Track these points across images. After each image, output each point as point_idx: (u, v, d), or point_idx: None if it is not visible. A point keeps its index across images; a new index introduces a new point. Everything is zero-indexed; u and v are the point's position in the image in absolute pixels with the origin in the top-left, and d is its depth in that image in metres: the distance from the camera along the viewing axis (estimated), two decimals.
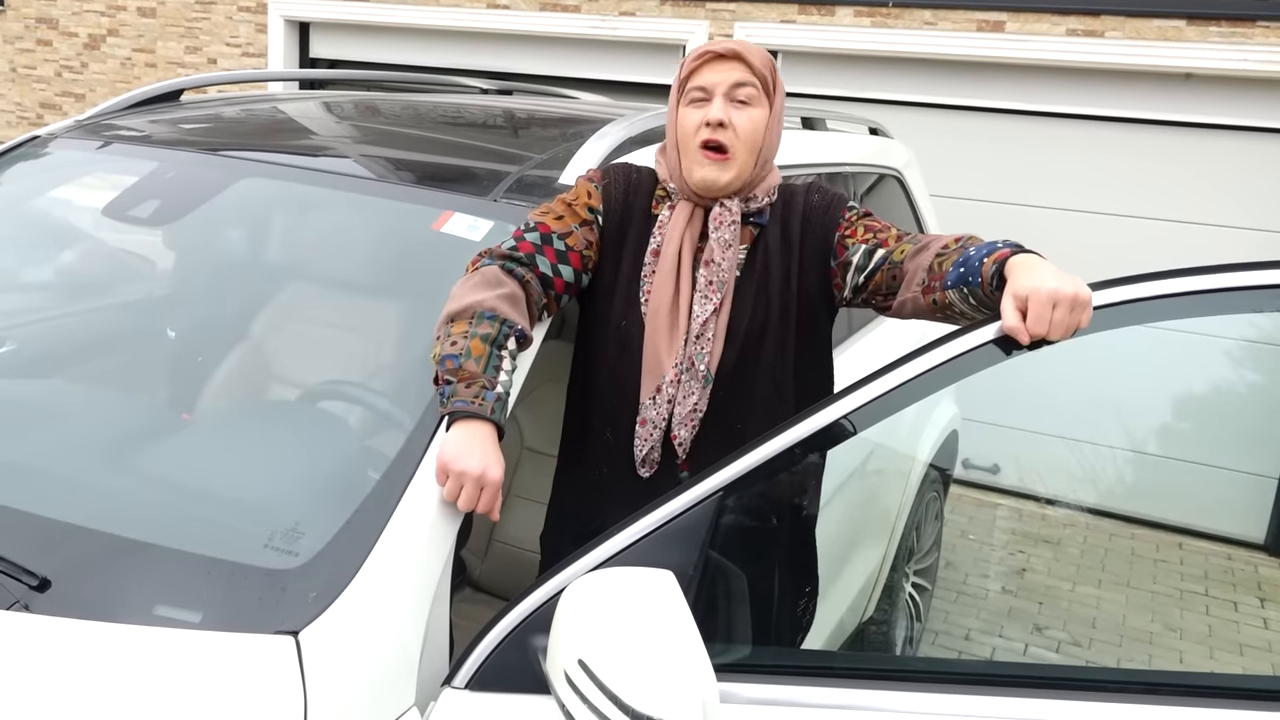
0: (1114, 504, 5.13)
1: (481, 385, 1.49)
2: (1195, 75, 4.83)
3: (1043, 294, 1.38)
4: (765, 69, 1.74)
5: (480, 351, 1.51)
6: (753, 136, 1.72)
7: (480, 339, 1.52)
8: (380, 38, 6.74)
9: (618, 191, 1.79)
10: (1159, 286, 1.38)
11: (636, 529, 1.37)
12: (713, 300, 1.70)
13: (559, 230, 1.71)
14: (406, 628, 1.35)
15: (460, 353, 1.51)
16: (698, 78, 1.73)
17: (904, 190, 3.58)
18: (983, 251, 1.55)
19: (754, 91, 1.72)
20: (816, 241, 1.77)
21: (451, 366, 1.50)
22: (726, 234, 1.72)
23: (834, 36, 5.41)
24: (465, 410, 1.46)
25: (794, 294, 1.75)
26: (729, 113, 1.70)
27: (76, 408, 1.74)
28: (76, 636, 1.25)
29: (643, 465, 1.73)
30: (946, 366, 1.40)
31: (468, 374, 1.49)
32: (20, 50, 7.86)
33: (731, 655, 1.43)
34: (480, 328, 1.54)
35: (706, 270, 1.71)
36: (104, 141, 2.26)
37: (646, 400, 1.70)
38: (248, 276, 2.01)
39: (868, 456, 2.86)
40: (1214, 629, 4.30)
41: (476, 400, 1.47)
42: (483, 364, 1.50)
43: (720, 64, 1.72)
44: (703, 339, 1.69)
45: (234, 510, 1.49)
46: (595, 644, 1.17)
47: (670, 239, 1.72)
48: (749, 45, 1.76)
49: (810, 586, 1.82)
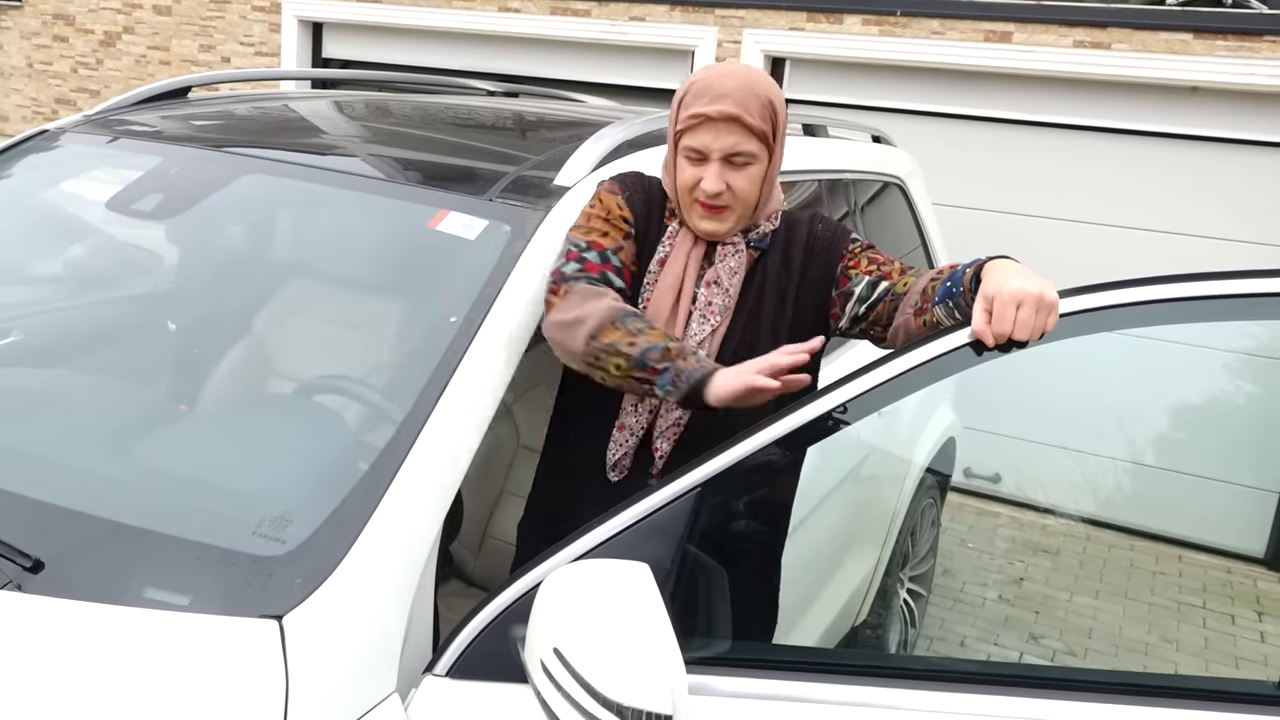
0: (1113, 515, 5.13)
1: (691, 351, 1.53)
2: (1201, 88, 4.84)
3: (1006, 294, 1.38)
4: (765, 122, 1.67)
5: (658, 334, 1.55)
6: (750, 195, 1.71)
7: (649, 329, 1.56)
8: (392, 39, 6.79)
9: (639, 201, 1.80)
10: (1133, 294, 1.40)
11: (616, 523, 1.39)
12: (711, 321, 1.72)
13: (611, 247, 1.72)
14: (389, 615, 1.38)
15: (651, 343, 1.53)
16: (692, 137, 1.68)
17: (906, 199, 3.60)
18: (967, 265, 1.56)
19: (753, 151, 1.68)
20: (818, 271, 1.77)
21: (657, 355, 1.51)
22: (733, 263, 1.75)
23: (841, 44, 5.44)
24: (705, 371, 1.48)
25: (787, 320, 1.75)
26: (726, 177, 1.68)
27: (75, 397, 1.78)
28: (68, 616, 1.28)
29: (613, 469, 1.74)
30: (925, 368, 1.43)
31: (676, 351, 1.52)
32: (37, 46, 7.94)
33: (708, 649, 1.46)
34: (634, 323, 1.56)
35: (708, 291, 1.73)
36: (113, 136, 2.30)
37: (628, 406, 1.72)
38: (246, 271, 2.05)
39: (862, 461, 2.88)
40: (1210, 642, 4.30)
41: (699, 364, 1.50)
42: (670, 339, 1.54)
43: (714, 126, 1.66)
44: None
45: (224, 498, 1.53)
46: (570, 633, 1.20)
47: (677, 255, 1.74)
48: (746, 96, 1.65)
49: (775, 581, 1.83)
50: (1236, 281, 1.41)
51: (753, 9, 5.65)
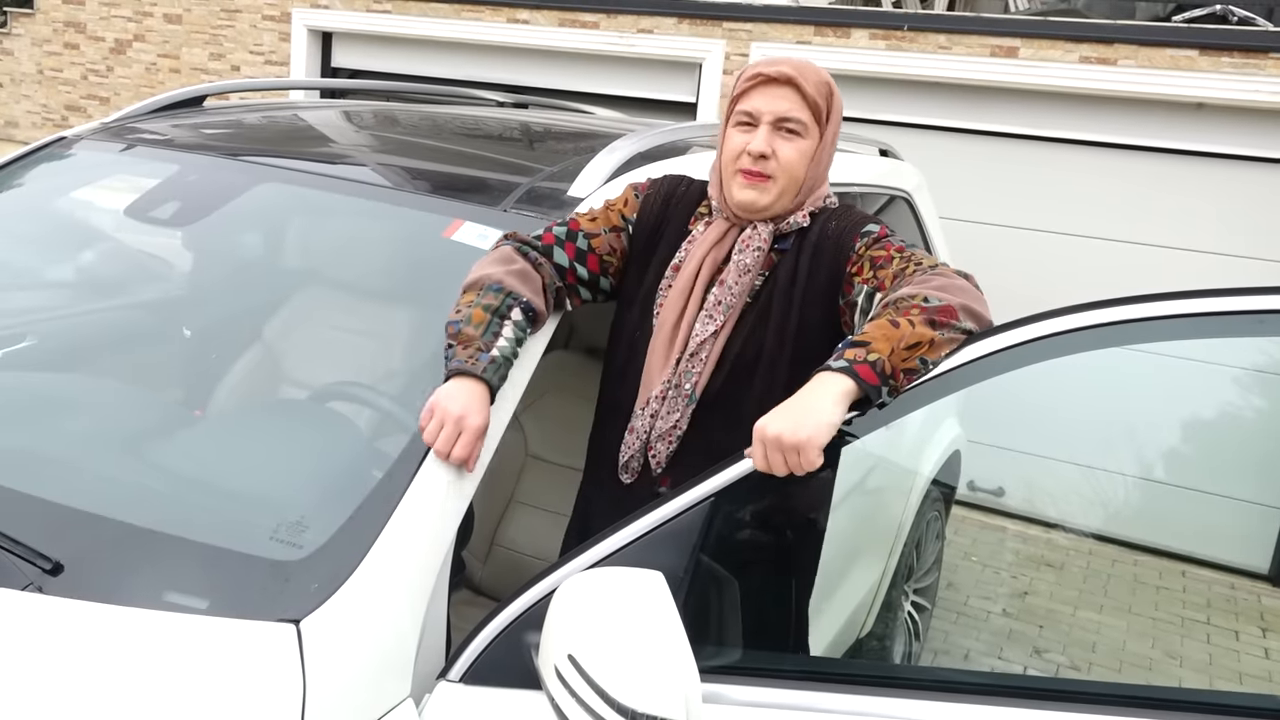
0: (1118, 529, 5.12)
1: (477, 348, 1.55)
2: (1207, 105, 4.86)
3: (756, 433, 1.39)
4: (820, 95, 1.68)
5: (481, 319, 1.58)
6: (796, 168, 1.68)
7: (483, 308, 1.59)
8: (401, 49, 6.83)
9: (656, 203, 1.79)
10: (1142, 309, 1.41)
11: (630, 531, 1.41)
12: (715, 322, 1.69)
13: (588, 230, 1.75)
14: (404, 621, 1.39)
15: (463, 319, 1.58)
16: (746, 100, 1.68)
17: (913, 212, 3.61)
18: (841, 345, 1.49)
19: (803, 122, 1.67)
20: (825, 275, 1.70)
21: (453, 331, 1.58)
22: (748, 258, 1.70)
23: (849, 58, 5.46)
24: (459, 369, 1.53)
25: (794, 328, 1.69)
26: (774, 143, 1.66)
27: (95, 402, 1.79)
28: (87, 618, 1.29)
29: (624, 471, 1.76)
30: (942, 379, 1.44)
31: (465, 337, 1.56)
32: (48, 53, 7.99)
33: (721, 658, 1.47)
34: (485, 298, 1.61)
35: (718, 290, 1.70)
36: (127, 144, 2.32)
37: (637, 409, 1.73)
38: (263, 278, 2.07)
39: (867, 473, 2.89)
40: (1214, 658, 4.29)
41: (470, 360, 1.53)
42: (481, 330, 1.57)
43: (771, 89, 1.66)
44: (695, 359, 1.69)
45: (242, 503, 1.54)
46: (585, 639, 1.21)
47: (693, 256, 1.72)
48: (805, 67, 1.68)
49: (799, 591, 1.83)
50: (1244, 298, 1.42)
51: (760, 22, 5.68)
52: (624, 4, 6.25)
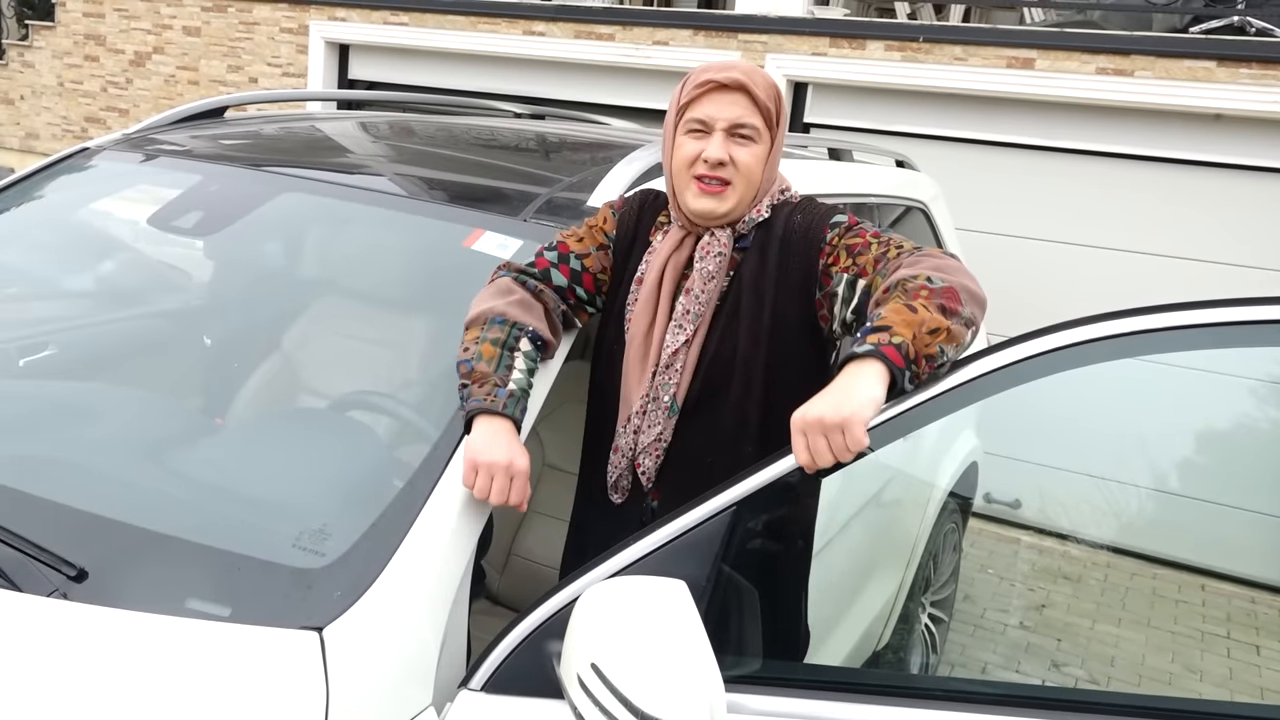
0: (1136, 542, 5.09)
1: (493, 384, 1.54)
2: (1225, 116, 4.84)
3: (796, 422, 1.35)
4: (770, 100, 1.66)
5: (491, 354, 1.57)
6: (753, 173, 1.66)
7: (490, 343, 1.58)
8: (417, 61, 6.87)
9: (630, 218, 1.79)
10: (1160, 320, 1.40)
11: (651, 540, 1.41)
12: (686, 330, 1.67)
13: (577, 251, 1.75)
14: (426, 629, 1.39)
15: (472, 357, 1.57)
16: (697, 108, 1.65)
17: (929, 223, 3.61)
18: (859, 332, 1.45)
19: (757, 128, 1.65)
20: (798, 270, 1.67)
21: (465, 370, 1.57)
22: (711, 265, 1.68)
23: (864, 70, 5.47)
24: (480, 408, 1.52)
25: (767, 327, 1.66)
26: (729, 149, 1.64)
27: (117, 409, 1.81)
28: (111, 625, 1.30)
29: (614, 491, 1.75)
30: (965, 388, 1.43)
31: (479, 375, 1.55)
32: (68, 65, 8.07)
33: (741, 667, 1.46)
34: (491, 332, 1.60)
35: (685, 300, 1.68)
36: (147, 155, 2.34)
37: (620, 427, 1.72)
38: (285, 288, 2.08)
39: (885, 485, 2.88)
40: (1235, 672, 4.26)
41: (489, 398, 1.52)
42: (494, 365, 1.56)
43: (723, 95, 1.64)
44: (671, 370, 1.67)
45: (265, 510, 1.55)
46: (608, 648, 1.20)
47: (653, 267, 1.71)
48: (753, 72, 1.66)
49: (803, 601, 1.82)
50: (1263, 308, 1.41)
51: (775, 34, 5.69)
52: (639, 16, 6.28)
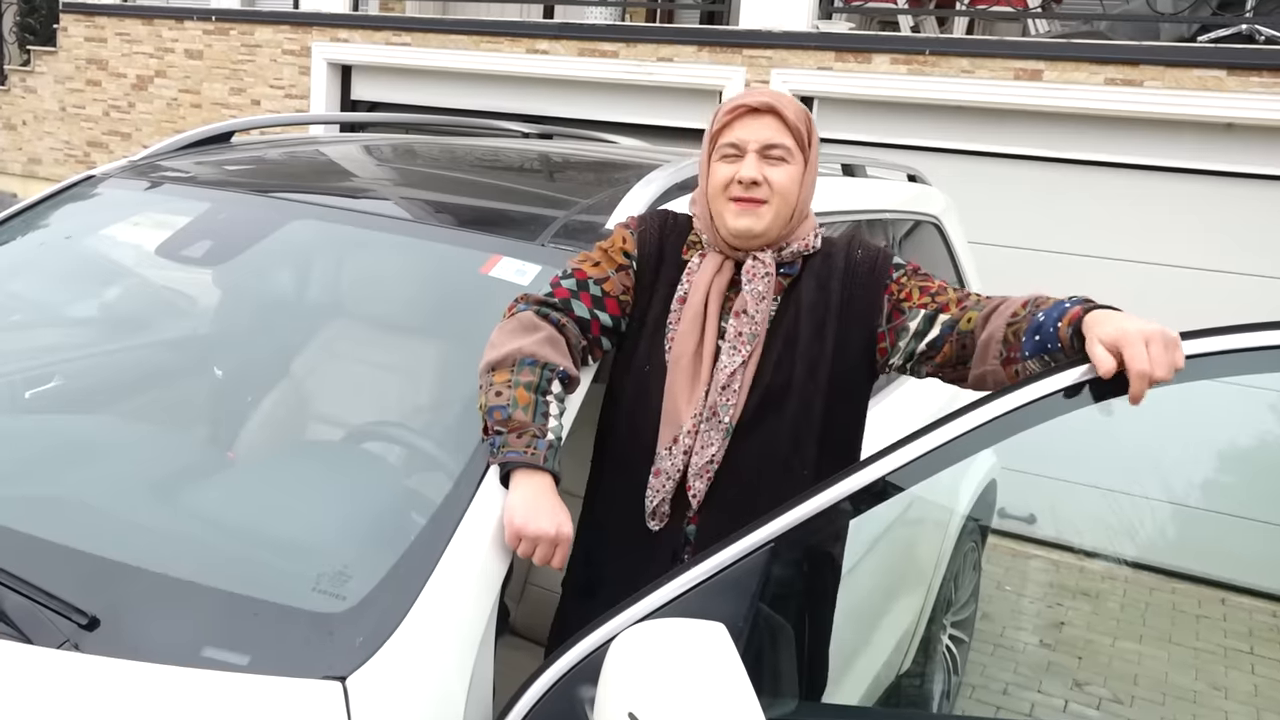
0: (1154, 557, 5.03)
1: (532, 435, 1.48)
2: (1237, 125, 4.80)
3: (1133, 334, 1.34)
4: (801, 122, 1.70)
5: (526, 400, 1.51)
6: (787, 192, 1.68)
7: (524, 387, 1.52)
8: (420, 81, 6.85)
9: (653, 236, 1.77)
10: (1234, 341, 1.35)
11: (686, 579, 1.35)
12: (742, 352, 1.66)
13: (595, 276, 1.71)
14: (452, 674, 1.34)
15: (507, 403, 1.50)
16: (730, 133, 1.69)
17: (942, 237, 3.57)
18: (1054, 315, 1.49)
19: (788, 148, 1.68)
20: (863, 302, 1.70)
21: (500, 418, 1.49)
22: (760, 286, 1.69)
23: (871, 84, 5.43)
24: (519, 461, 1.46)
25: (827, 354, 1.68)
26: (762, 170, 1.67)
27: (127, 446, 1.76)
28: (125, 677, 1.25)
29: (652, 518, 1.69)
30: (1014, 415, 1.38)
31: (517, 424, 1.49)
32: (70, 90, 8.05)
33: (775, 709, 1.41)
34: (523, 375, 1.54)
35: (738, 321, 1.68)
36: (152, 182, 2.30)
37: (663, 450, 1.67)
38: (298, 317, 2.03)
39: (907, 507, 2.83)
40: (1260, 688, 4.19)
41: (529, 450, 1.46)
42: (530, 412, 1.50)
43: (753, 119, 1.68)
44: (728, 390, 1.65)
45: (282, 551, 1.49)
46: (647, 696, 1.15)
47: (697, 287, 1.70)
48: (783, 98, 1.71)
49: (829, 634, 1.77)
50: None
51: (781, 49, 5.66)
52: (643, 33, 6.25)
